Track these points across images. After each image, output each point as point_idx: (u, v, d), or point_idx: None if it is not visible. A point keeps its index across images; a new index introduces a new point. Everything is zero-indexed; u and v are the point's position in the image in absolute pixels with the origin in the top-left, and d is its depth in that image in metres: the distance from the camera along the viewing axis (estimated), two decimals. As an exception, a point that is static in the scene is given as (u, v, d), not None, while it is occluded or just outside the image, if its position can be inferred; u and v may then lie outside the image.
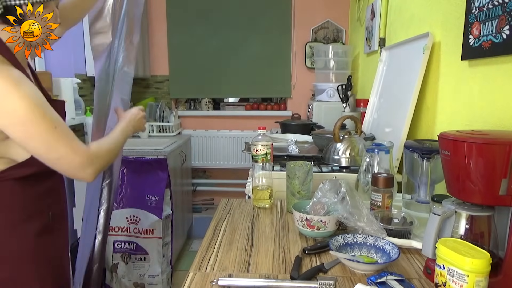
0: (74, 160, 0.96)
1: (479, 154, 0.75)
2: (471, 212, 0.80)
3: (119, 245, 2.26)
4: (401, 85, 1.64)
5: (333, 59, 2.83)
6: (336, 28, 3.28)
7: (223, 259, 0.95)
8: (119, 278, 2.27)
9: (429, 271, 0.84)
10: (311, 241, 1.06)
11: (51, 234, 1.09)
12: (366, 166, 1.26)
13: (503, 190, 0.74)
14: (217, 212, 1.30)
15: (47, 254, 1.07)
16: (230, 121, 3.46)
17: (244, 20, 3.30)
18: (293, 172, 1.26)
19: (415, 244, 0.97)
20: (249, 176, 1.59)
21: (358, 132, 1.61)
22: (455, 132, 0.83)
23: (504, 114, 0.98)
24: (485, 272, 0.68)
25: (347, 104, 2.36)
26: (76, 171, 0.99)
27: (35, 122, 0.90)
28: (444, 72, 1.33)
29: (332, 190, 1.07)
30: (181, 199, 2.96)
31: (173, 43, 3.32)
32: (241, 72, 3.36)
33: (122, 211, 2.25)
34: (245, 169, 2.62)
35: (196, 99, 3.54)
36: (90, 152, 1.00)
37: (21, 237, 1.01)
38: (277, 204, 1.38)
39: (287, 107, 3.44)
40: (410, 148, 1.13)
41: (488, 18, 1.01)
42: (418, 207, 1.13)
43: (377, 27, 2.13)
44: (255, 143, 1.36)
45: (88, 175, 1.01)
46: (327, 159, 1.59)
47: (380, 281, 0.78)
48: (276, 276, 0.87)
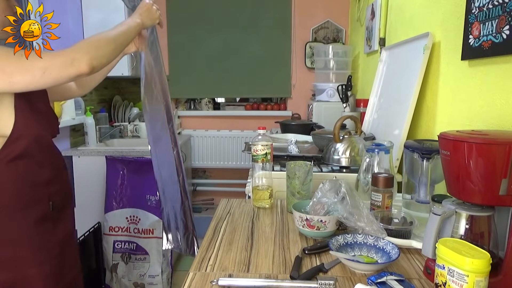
0: (56, 61, 0.95)
1: (479, 154, 0.75)
2: (471, 212, 0.80)
3: (119, 245, 2.26)
4: (401, 85, 1.64)
5: (333, 59, 2.83)
6: (336, 28, 3.28)
7: (223, 259, 0.95)
8: (119, 278, 2.27)
9: (429, 271, 0.84)
10: (311, 241, 1.06)
11: (52, 222, 1.12)
12: (366, 166, 1.26)
13: (503, 190, 0.74)
14: (217, 212, 1.30)
15: (47, 241, 1.10)
16: (230, 121, 3.46)
17: (244, 20, 3.30)
18: (293, 172, 1.26)
19: (415, 244, 0.97)
20: (249, 176, 1.59)
21: (358, 132, 1.61)
22: (455, 132, 0.83)
23: (504, 114, 0.98)
24: (485, 272, 0.67)
25: (347, 104, 2.36)
26: (68, 69, 0.96)
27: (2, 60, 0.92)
28: (444, 72, 1.33)
29: (332, 190, 1.07)
30: (181, 199, 2.96)
31: (173, 43, 3.33)
32: (241, 72, 3.36)
33: (122, 211, 2.25)
34: (245, 169, 2.62)
35: (196, 99, 3.54)
36: (72, 46, 0.99)
37: (20, 224, 1.05)
38: (277, 204, 1.38)
39: (287, 107, 3.44)
40: (410, 148, 1.13)
41: (488, 18, 1.01)
42: (418, 207, 1.13)
43: (377, 27, 2.13)
44: (255, 143, 1.36)
45: (83, 64, 0.97)
46: (327, 159, 1.59)
47: (380, 281, 0.78)
48: (276, 276, 0.87)
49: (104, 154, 2.34)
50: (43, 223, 1.09)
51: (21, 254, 1.06)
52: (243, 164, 3.40)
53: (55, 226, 1.14)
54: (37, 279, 1.07)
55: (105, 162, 2.26)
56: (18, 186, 1.05)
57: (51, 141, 1.17)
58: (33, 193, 1.07)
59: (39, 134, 1.08)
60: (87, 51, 0.99)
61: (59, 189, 1.16)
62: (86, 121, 2.58)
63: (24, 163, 1.05)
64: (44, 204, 1.10)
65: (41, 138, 1.09)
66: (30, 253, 1.07)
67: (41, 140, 1.09)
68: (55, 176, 1.14)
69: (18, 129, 1.01)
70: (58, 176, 1.17)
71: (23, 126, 1.02)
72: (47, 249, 1.10)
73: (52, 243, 1.12)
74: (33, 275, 1.07)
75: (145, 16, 1.22)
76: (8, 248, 1.05)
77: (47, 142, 1.13)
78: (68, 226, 1.22)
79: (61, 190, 1.17)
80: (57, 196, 1.15)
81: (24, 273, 1.06)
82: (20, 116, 1.01)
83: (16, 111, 1.01)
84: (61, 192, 1.18)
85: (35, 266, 1.07)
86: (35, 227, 1.07)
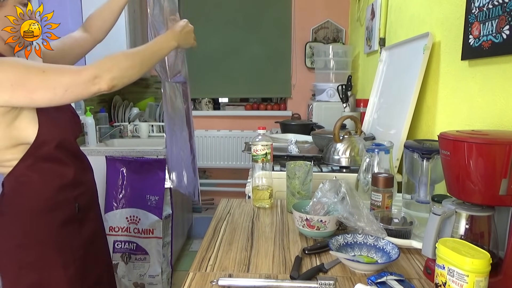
0: (80, 79, 0.94)
1: (479, 154, 0.75)
2: (471, 212, 0.80)
3: (119, 245, 2.26)
4: (401, 85, 1.64)
5: (333, 59, 2.83)
6: (336, 28, 3.28)
7: (223, 259, 0.95)
8: (119, 278, 2.27)
9: (429, 271, 0.84)
10: (311, 241, 1.06)
11: (78, 224, 1.14)
12: (366, 166, 1.26)
13: (503, 190, 0.74)
14: (217, 212, 1.30)
15: (72, 243, 1.11)
16: (230, 121, 3.46)
17: (244, 20, 3.30)
18: (293, 172, 1.26)
19: (415, 244, 0.97)
20: (249, 176, 1.59)
21: (358, 132, 1.61)
22: (455, 132, 0.83)
23: (504, 114, 0.98)
24: (485, 272, 0.68)
25: (347, 104, 2.36)
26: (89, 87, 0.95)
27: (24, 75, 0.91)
28: (444, 72, 1.33)
29: (332, 190, 1.07)
30: (181, 199, 2.96)
31: (173, 43, 3.32)
32: (241, 72, 3.36)
33: (122, 211, 2.25)
34: (245, 169, 2.62)
35: (196, 99, 3.54)
36: (96, 63, 0.97)
37: (46, 226, 1.06)
38: (277, 204, 1.38)
39: (287, 107, 3.44)
40: (410, 148, 1.13)
41: (488, 18, 1.01)
42: (418, 207, 1.13)
43: (377, 27, 2.13)
44: (255, 143, 1.36)
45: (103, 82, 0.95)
46: (327, 159, 1.59)
47: (380, 281, 0.78)
48: (276, 276, 0.87)
49: (104, 154, 2.33)
50: (68, 225, 1.10)
51: (46, 257, 1.07)
52: (243, 164, 3.39)
53: (80, 227, 1.14)
54: (63, 280, 1.08)
55: (105, 162, 2.26)
56: (44, 190, 1.06)
57: (75, 143, 1.17)
58: (58, 196, 1.08)
59: (62, 138, 1.08)
60: (110, 70, 0.97)
61: (84, 191, 1.17)
62: (86, 121, 2.58)
63: (48, 167, 1.06)
64: (70, 207, 1.11)
65: (65, 141, 1.09)
66: (55, 255, 1.07)
67: (65, 143, 1.09)
68: (80, 178, 1.15)
69: (42, 135, 1.01)
70: (83, 178, 1.17)
71: (47, 132, 1.02)
72: (72, 251, 1.11)
73: (77, 244, 1.13)
74: (59, 277, 1.08)
75: (183, 39, 1.16)
76: (34, 251, 1.06)
77: (70, 144, 1.14)
78: (94, 226, 1.23)
79: (86, 192, 1.18)
80: (83, 198, 1.16)
81: (50, 275, 1.07)
82: (43, 122, 1.01)
83: (39, 117, 1.01)
84: (87, 194, 1.19)
85: (60, 268, 1.08)
86: (60, 230, 1.08)
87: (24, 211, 1.05)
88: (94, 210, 1.25)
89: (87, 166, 1.23)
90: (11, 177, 1.03)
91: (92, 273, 1.19)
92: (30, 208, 1.05)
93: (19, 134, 0.99)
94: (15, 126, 0.98)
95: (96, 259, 1.22)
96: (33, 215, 1.05)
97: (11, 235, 1.05)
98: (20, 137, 1.00)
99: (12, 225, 1.05)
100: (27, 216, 1.04)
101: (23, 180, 1.03)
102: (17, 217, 1.05)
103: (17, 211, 1.05)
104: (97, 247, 1.25)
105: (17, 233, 1.05)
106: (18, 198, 1.04)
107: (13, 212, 1.05)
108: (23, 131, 0.99)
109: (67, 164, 1.10)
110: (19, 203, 1.04)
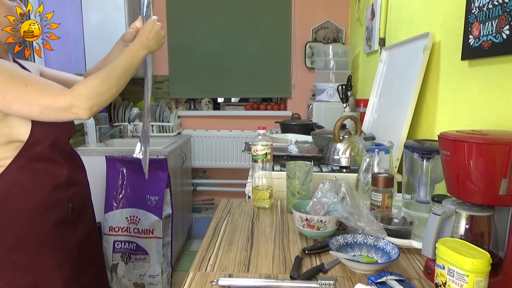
0: (56, 104, 0.95)
1: (479, 154, 0.75)
2: (471, 212, 0.80)
3: (119, 245, 2.26)
4: (401, 85, 1.64)
5: (333, 59, 2.83)
6: (336, 28, 3.28)
7: (223, 259, 0.95)
8: (119, 278, 2.27)
9: (429, 271, 0.84)
10: (311, 241, 1.06)
11: (72, 224, 1.14)
12: (366, 166, 1.26)
13: (503, 190, 0.74)
14: (217, 212, 1.30)
15: (67, 243, 1.11)
16: (230, 121, 3.46)
17: (244, 20, 3.30)
18: (293, 172, 1.26)
19: (415, 244, 0.97)
20: (249, 176, 1.59)
21: (358, 132, 1.61)
22: (455, 132, 0.83)
23: (504, 114, 0.98)
24: (485, 272, 0.68)
25: (347, 104, 2.36)
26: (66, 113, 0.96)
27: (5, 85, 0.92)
28: (444, 72, 1.33)
29: (332, 190, 1.07)
30: (181, 199, 2.96)
31: (173, 43, 3.32)
32: (241, 72, 3.36)
33: (122, 211, 2.25)
34: (245, 169, 2.62)
35: (196, 99, 3.54)
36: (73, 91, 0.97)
37: (40, 227, 1.06)
38: (277, 204, 1.38)
39: (287, 107, 3.44)
40: (410, 148, 1.13)
41: (488, 18, 1.01)
42: (418, 207, 1.13)
43: (377, 27, 2.13)
44: (255, 143, 1.36)
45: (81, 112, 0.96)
46: (327, 159, 1.59)
47: (380, 281, 0.78)
48: (276, 276, 0.87)
49: (104, 154, 2.33)
50: (63, 225, 1.10)
51: (41, 258, 1.06)
52: (243, 164, 3.39)
53: (74, 227, 1.14)
54: (58, 281, 1.08)
55: (105, 162, 2.26)
56: (37, 190, 1.05)
57: (68, 143, 1.17)
58: (52, 196, 1.08)
59: (56, 137, 1.08)
60: (87, 99, 0.97)
61: (78, 191, 1.17)
62: (86, 121, 2.58)
63: (42, 167, 1.05)
64: (64, 207, 1.11)
65: (59, 141, 1.10)
66: (50, 256, 1.07)
67: (59, 143, 1.10)
68: (74, 178, 1.15)
69: (35, 133, 1.01)
70: (77, 178, 1.17)
71: (40, 130, 1.02)
72: (67, 251, 1.11)
73: (71, 244, 1.13)
74: (54, 278, 1.08)
75: (153, 44, 1.13)
76: (29, 252, 1.05)
77: (64, 144, 1.14)
78: (88, 226, 1.23)
79: (80, 192, 1.18)
80: (76, 198, 1.16)
81: (45, 276, 1.07)
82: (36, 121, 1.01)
83: None
84: (80, 194, 1.19)
85: (55, 268, 1.08)
86: (55, 230, 1.08)
87: (18, 212, 1.04)
88: (88, 210, 1.25)
89: (81, 166, 1.23)
90: (4, 178, 1.02)
91: (87, 273, 1.19)
92: (23, 209, 1.04)
93: (10, 131, 0.99)
94: (6, 123, 0.98)
95: (90, 259, 1.22)
96: (27, 216, 1.04)
97: (5, 237, 1.04)
98: (12, 134, 0.99)
99: (6, 227, 1.04)
100: (20, 217, 1.04)
101: (16, 181, 1.03)
102: (11, 218, 1.04)
103: (10, 212, 1.04)
104: (91, 246, 1.24)
105: (11, 234, 1.04)
106: (11, 199, 1.03)
107: (6, 213, 1.03)
108: (15, 128, 0.99)
109: (61, 164, 1.10)
110: (12, 204, 1.04)
